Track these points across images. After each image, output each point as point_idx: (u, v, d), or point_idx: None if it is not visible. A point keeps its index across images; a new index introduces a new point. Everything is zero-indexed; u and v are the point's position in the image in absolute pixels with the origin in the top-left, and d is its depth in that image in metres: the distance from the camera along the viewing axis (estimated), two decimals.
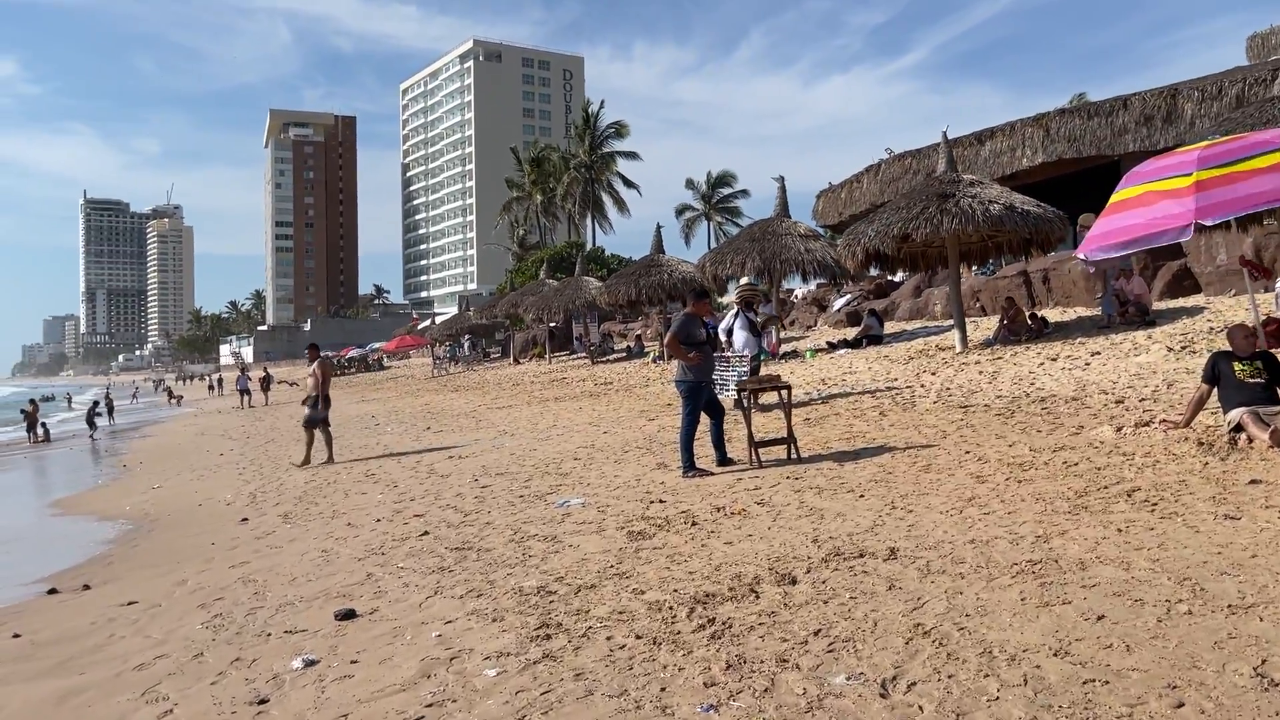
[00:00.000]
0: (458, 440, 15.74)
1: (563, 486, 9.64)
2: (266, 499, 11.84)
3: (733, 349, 10.60)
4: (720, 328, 11.62)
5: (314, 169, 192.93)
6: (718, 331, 14.07)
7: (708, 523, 6.99)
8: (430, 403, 26.47)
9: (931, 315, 26.44)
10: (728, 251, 21.55)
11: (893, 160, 34.59)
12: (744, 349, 10.35)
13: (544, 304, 34.07)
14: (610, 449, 12.07)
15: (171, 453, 21.54)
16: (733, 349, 10.60)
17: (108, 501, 13.59)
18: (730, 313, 11.28)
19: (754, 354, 10.39)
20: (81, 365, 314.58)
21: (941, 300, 26.01)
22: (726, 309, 31.12)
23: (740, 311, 10.78)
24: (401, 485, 11.37)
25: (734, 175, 67.82)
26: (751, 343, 10.49)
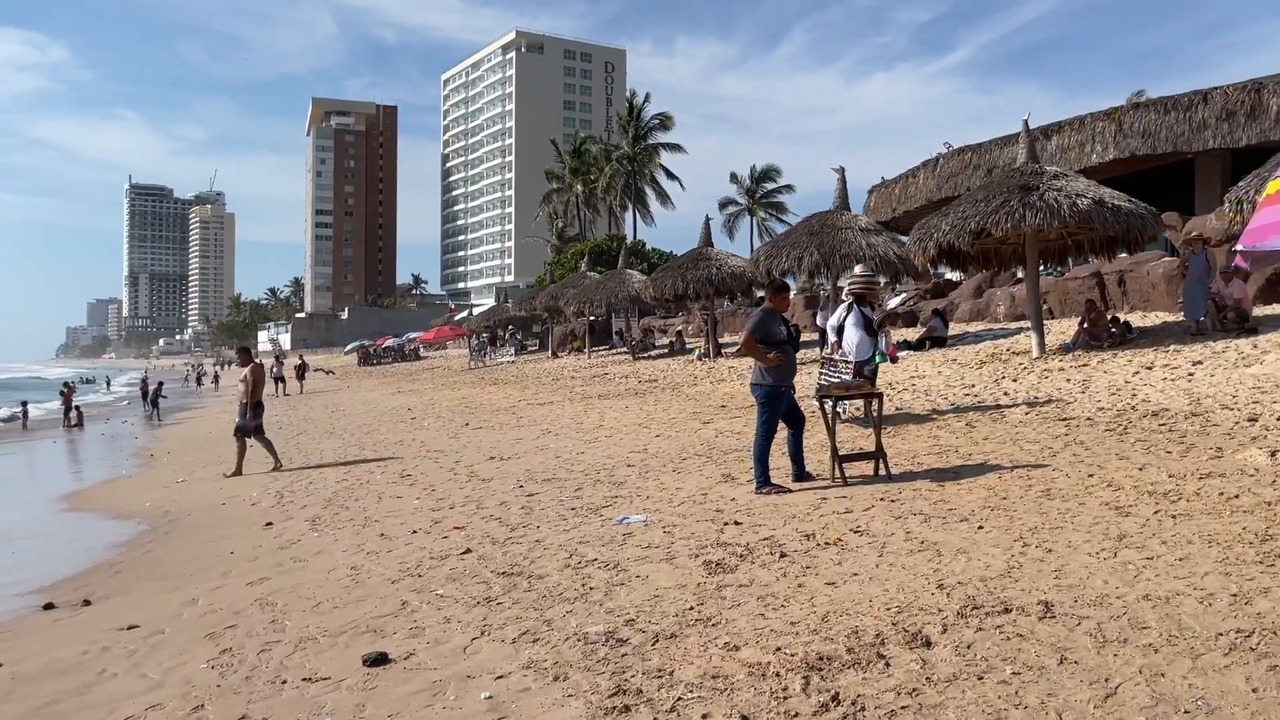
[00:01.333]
0: (497, 439, 14.82)
1: (618, 499, 8.65)
2: (294, 499, 10.97)
3: (841, 351, 9.50)
4: (829, 324, 10.51)
5: (355, 158, 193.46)
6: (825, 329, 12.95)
7: (799, 554, 5.96)
8: (468, 396, 25.62)
9: (994, 317, 25.16)
10: (784, 245, 20.45)
11: (951, 155, 33.26)
12: (856, 351, 9.25)
13: (585, 297, 33.11)
14: (666, 455, 11.07)
15: (201, 442, 20.84)
16: (841, 351, 9.50)
17: (127, 496, 12.80)
18: (842, 306, 10.16)
19: (867, 358, 9.29)
20: (123, 348, 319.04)
21: (1005, 301, 24.73)
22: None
23: (854, 307, 9.65)
24: (440, 490, 10.44)
25: (778, 170, 66.41)
26: (865, 344, 9.37)
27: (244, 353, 14.58)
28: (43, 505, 12.77)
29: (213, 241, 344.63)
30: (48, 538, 10.32)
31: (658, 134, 61.40)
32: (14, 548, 9.70)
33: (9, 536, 10.36)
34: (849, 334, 9.60)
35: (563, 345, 45.92)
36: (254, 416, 13.88)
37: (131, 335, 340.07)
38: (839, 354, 9.52)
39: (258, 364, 14.29)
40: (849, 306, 9.91)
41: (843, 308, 10.11)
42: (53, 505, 12.66)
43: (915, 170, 35.31)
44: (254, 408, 13.88)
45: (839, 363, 9.19)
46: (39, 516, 11.90)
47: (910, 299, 28.95)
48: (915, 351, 19.60)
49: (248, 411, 13.86)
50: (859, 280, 10.37)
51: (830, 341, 10.23)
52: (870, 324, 9.67)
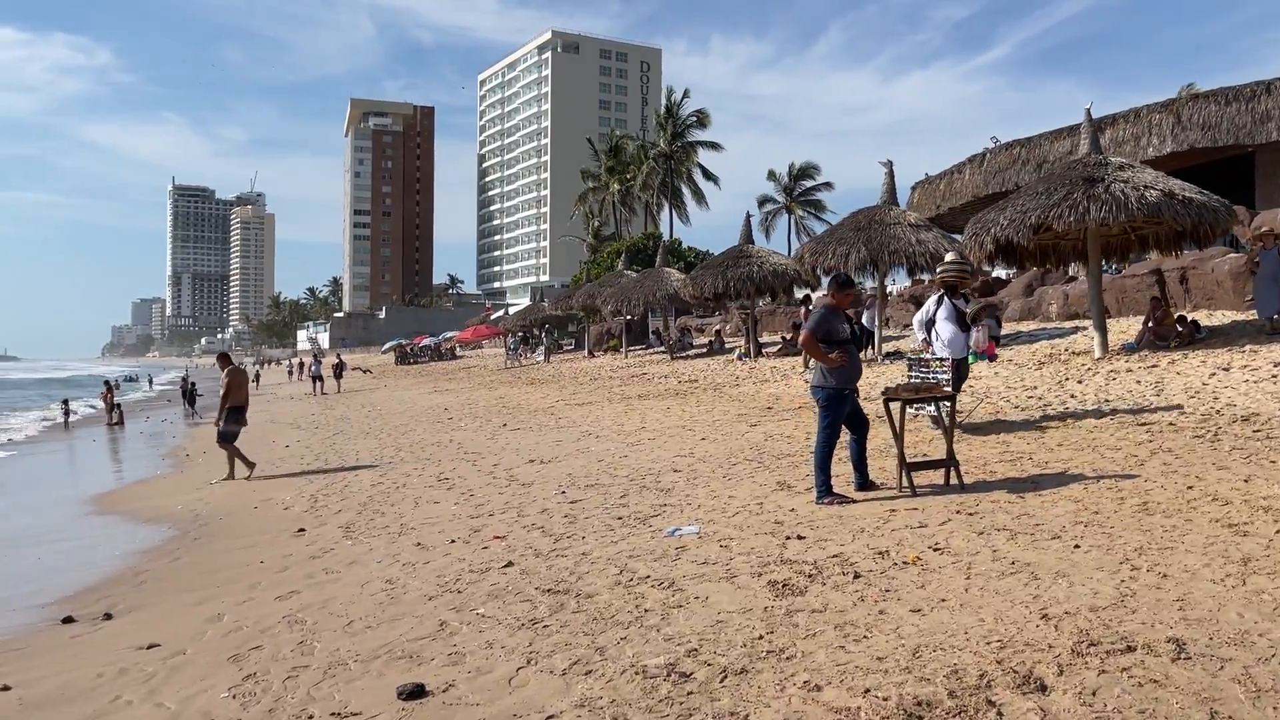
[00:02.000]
0: (536, 441, 14.36)
1: (667, 508, 8.13)
2: (328, 503, 10.57)
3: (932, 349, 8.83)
4: (916, 319, 9.84)
5: (392, 158, 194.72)
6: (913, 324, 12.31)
7: (875, 575, 5.40)
8: (505, 396, 25.23)
9: (1045, 316, 24.32)
10: (829, 241, 19.79)
11: (999, 149, 32.34)
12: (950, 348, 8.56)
13: (622, 296, 32.61)
14: (714, 460, 10.53)
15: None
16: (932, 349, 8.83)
17: (160, 498, 12.49)
18: (930, 299, 9.41)
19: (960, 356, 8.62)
20: (166, 347, 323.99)
21: (1058, 300, 23.89)
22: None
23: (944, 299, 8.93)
24: (478, 495, 9.98)
25: (816, 167, 65.51)
26: (959, 340, 8.68)
27: (223, 358, 14.15)
28: (74, 507, 12.49)
29: (253, 241, 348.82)
30: (76, 542, 9.99)
31: (695, 131, 60.81)
32: (41, 552, 9.37)
33: (38, 540, 10.05)
34: (942, 329, 8.91)
35: (599, 344, 45.48)
36: (231, 421, 13.48)
37: (174, 334, 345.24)
38: (929, 352, 8.88)
39: (235, 368, 13.91)
40: (939, 299, 9.19)
41: (931, 300, 9.40)
42: (84, 507, 12.37)
43: (960, 166, 34.42)
44: (231, 412, 13.48)
45: (931, 362, 8.55)
46: (70, 519, 11.61)
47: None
48: None
49: (226, 417, 13.43)
50: (951, 267, 9.57)
51: (919, 339, 9.58)
52: (963, 317, 8.95)
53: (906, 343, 22.19)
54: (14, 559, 9.11)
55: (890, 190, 20.66)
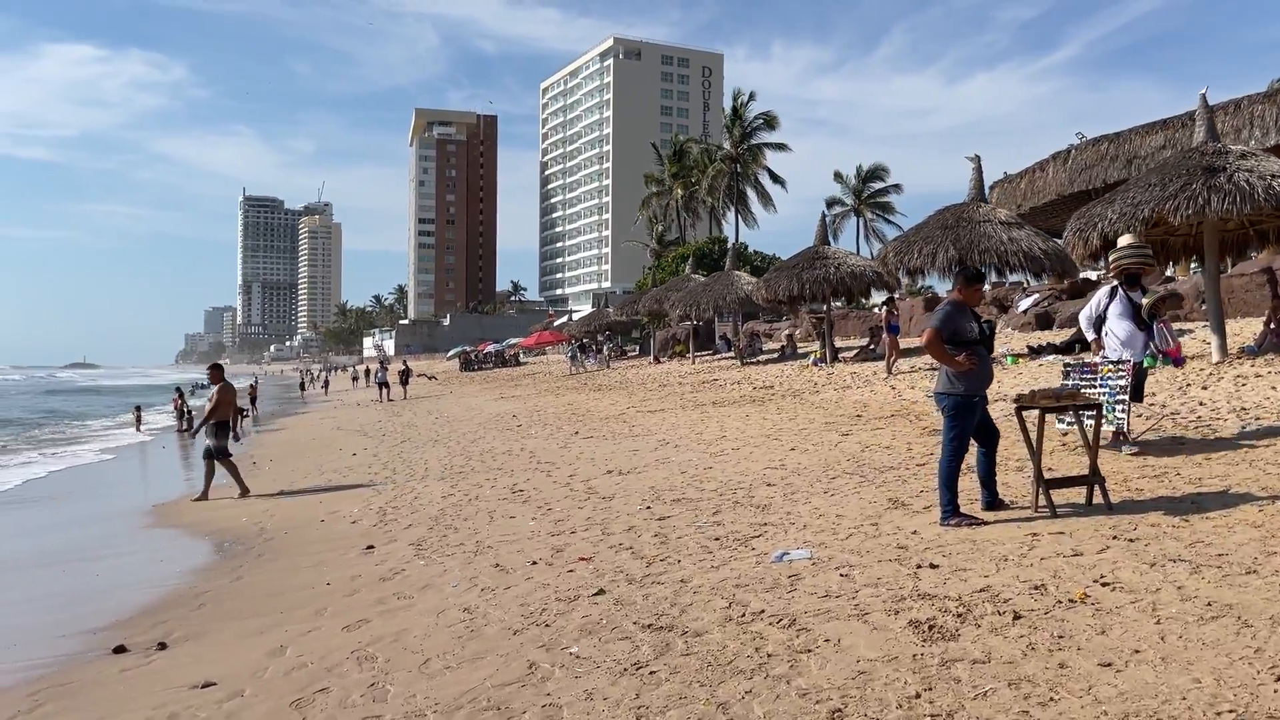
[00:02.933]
0: (612, 450, 13.68)
1: (768, 527, 7.36)
2: (398, 517, 10.00)
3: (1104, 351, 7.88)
4: (1082, 315, 8.89)
5: (456, 167, 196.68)
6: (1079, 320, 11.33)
7: (1039, 616, 4.58)
8: (573, 403, 24.64)
9: None
10: (915, 240, 18.82)
11: (1085, 146, 30.87)
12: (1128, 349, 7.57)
13: (691, 300, 31.85)
14: (809, 472, 9.72)
15: (304, 450, 20.30)
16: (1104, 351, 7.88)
17: (224, 509, 12.06)
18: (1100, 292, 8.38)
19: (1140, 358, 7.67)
20: (237, 354, 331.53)
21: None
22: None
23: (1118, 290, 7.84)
24: (557, 509, 9.31)
25: (886, 169, 63.97)
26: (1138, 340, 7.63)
27: (215, 370, 13.59)
28: (136, 518, 12.11)
29: (320, 251, 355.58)
30: (136, 556, 9.54)
31: (762, 134, 59.84)
32: (99, 568, 8.92)
33: (97, 554, 9.64)
34: (1116, 326, 7.90)
35: (664, 350, 44.81)
36: (219, 436, 12.93)
37: (245, 341, 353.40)
38: (1100, 354, 7.93)
39: (227, 384, 13.36)
40: (1111, 291, 8.05)
41: (1101, 293, 8.25)
42: (146, 518, 11.98)
43: (1043, 164, 32.95)
44: (218, 428, 12.93)
45: (1102, 367, 7.61)
46: (130, 531, 11.22)
47: (1043, 300, 26.85)
48: (1064, 355, 17.76)
49: (216, 431, 12.87)
50: (1129, 253, 8.29)
51: (1090, 339, 8.61)
52: (1139, 313, 7.83)
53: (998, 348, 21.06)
54: (72, 575, 8.67)
55: (978, 186, 19.63)
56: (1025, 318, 26.05)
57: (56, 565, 9.17)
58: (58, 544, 10.57)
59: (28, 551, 10.26)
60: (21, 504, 14.62)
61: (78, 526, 11.89)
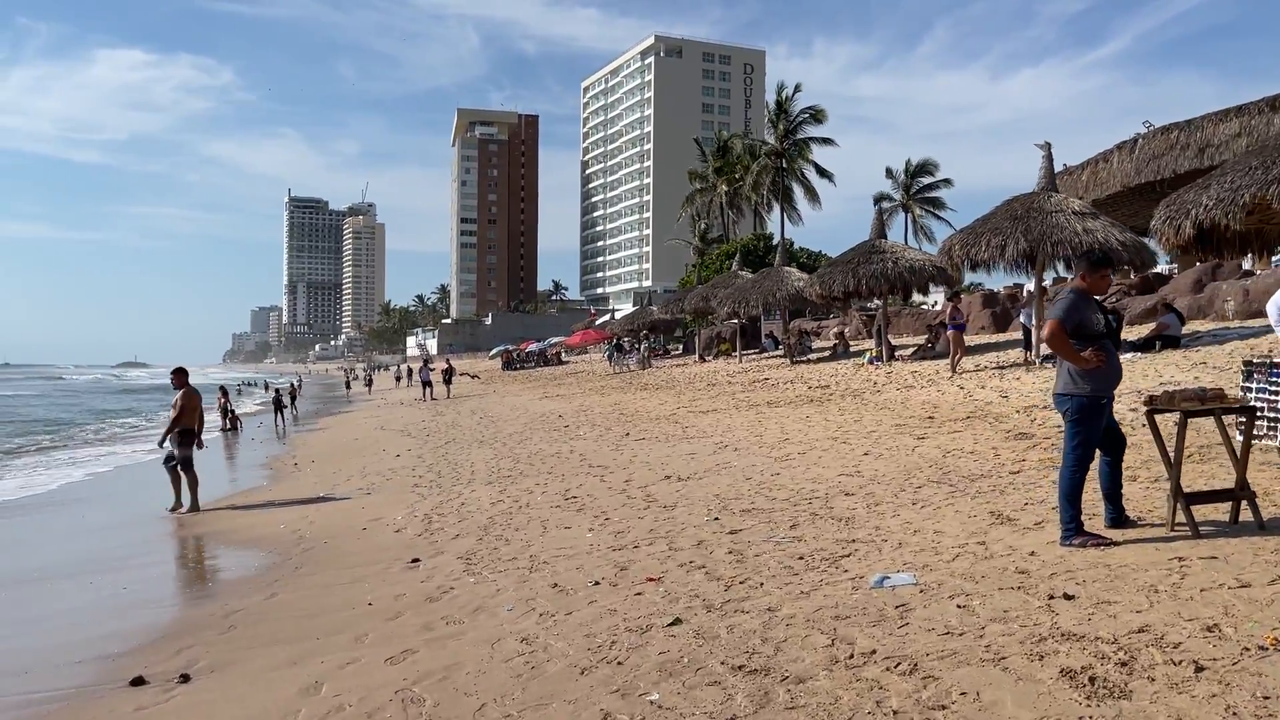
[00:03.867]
0: (667, 453, 12.93)
1: (856, 544, 6.57)
2: (444, 525, 9.34)
3: None
4: (1271, 305, 8.03)
5: (497, 167, 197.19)
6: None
7: (1225, 667, 3.75)
8: (620, 403, 23.94)
9: (1220, 314, 21.81)
10: (983, 232, 17.85)
11: (1153, 134, 29.55)
12: None
13: (740, 297, 30.99)
14: (889, 481, 8.90)
15: (346, 450, 19.81)
16: None
17: (261, 514, 11.50)
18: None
19: None
20: (283, 354, 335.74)
21: (1236, 297, 21.39)
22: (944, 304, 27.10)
23: None
24: (615, 518, 8.59)
25: (935, 164, 62.50)
26: None
27: (178, 375, 12.46)
28: (170, 523, 11.57)
29: (364, 251, 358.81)
30: (164, 568, 8.99)
31: (808, 128, 58.71)
32: (126, 579, 8.34)
33: (124, 564, 9.07)
34: None
35: (709, 349, 43.98)
36: (182, 445, 12.09)
37: (290, 341, 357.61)
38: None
39: (191, 389, 12.35)
40: None
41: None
42: (181, 524, 11.44)
43: (1107, 154, 31.50)
44: (182, 435, 12.08)
45: None
46: (162, 537, 10.70)
47: (1113, 295, 25.64)
48: (1143, 353, 16.72)
49: (180, 439, 12.04)
50: None
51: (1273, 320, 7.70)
52: None
53: None
54: (97, 588, 8.10)
55: (1049, 175, 18.64)
56: None
57: (81, 576, 8.61)
58: (85, 552, 10.04)
59: (53, 561, 9.74)
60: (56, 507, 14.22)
61: (110, 532, 11.38)
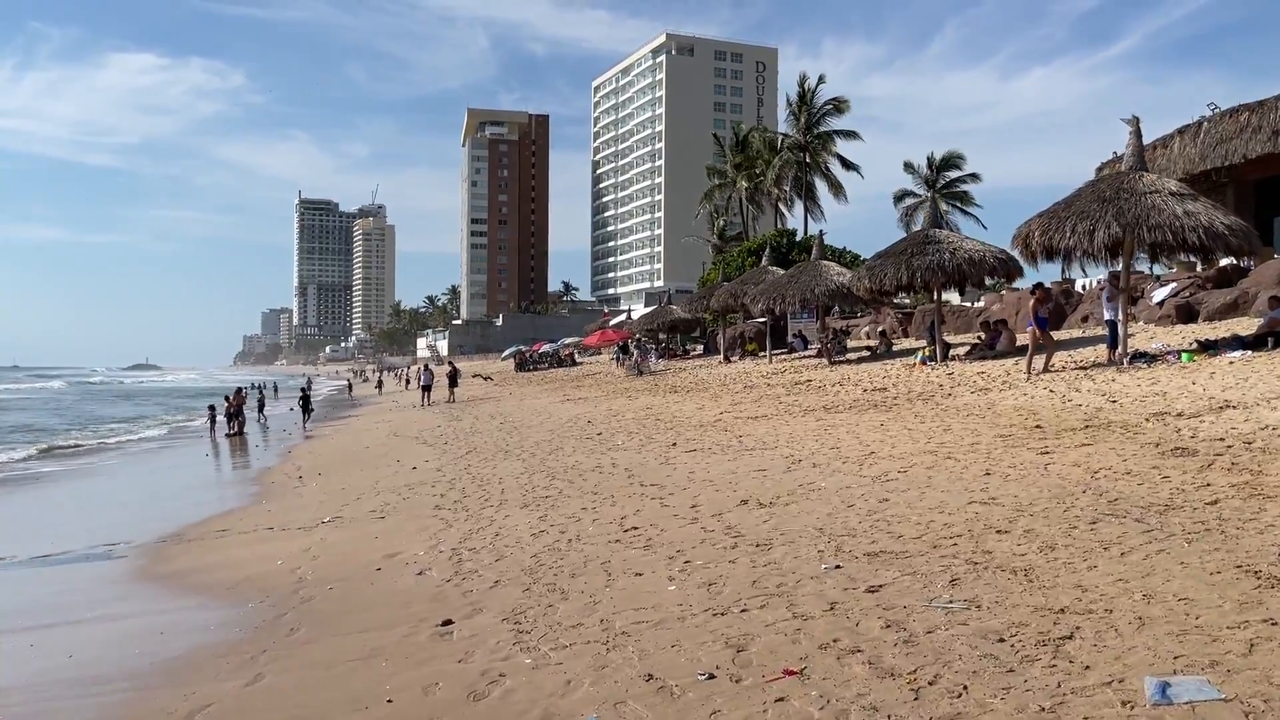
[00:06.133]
0: (731, 469, 11.06)
1: (1065, 615, 4.71)
2: (478, 565, 7.50)
3: None
4: None
5: (508, 167, 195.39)
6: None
7: None
8: (652, 407, 22.07)
9: None
10: (1066, 215, 15.90)
11: (1219, 117, 27.58)
12: None
13: (775, 292, 29.04)
14: (1043, 513, 7.01)
15: (356, 460, 17.97)
16: None
17: (256, 544, 9.67)
18: None
19: None
20: (294, 355, 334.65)
21: None
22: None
23: None
24: (697, 562, 6.73)
25: (962, 156, 60.06)
26: None
27: None
28: (142, 555, 9.74)
29: (374, 252, 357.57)
30: (127, 623, 7.14)
31: (831, 120, 56.69)
32: (77, 640, 6.50)
33: (68, 614, 7.23)
34: None
35: (733, 348, 42.08)
36: None
37: (301, 342, 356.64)
38: None
39: None
40: None
41: None
42: (155, 557, 9.60)
43: (1166, 139, 29.63)
44: None
45: None
46: (129, 576, 8.86)
47: (1183, 290, 23.67)
48: (1253, 351, 14.78)
49: None
50: None
51: None
52: None
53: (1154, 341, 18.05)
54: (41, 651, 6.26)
55: (1138, 153, 16.68)
56: (1162, 310, 22.90)
57: (24, 633, 6.78)
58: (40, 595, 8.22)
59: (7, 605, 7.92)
60: None
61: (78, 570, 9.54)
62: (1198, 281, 23.76)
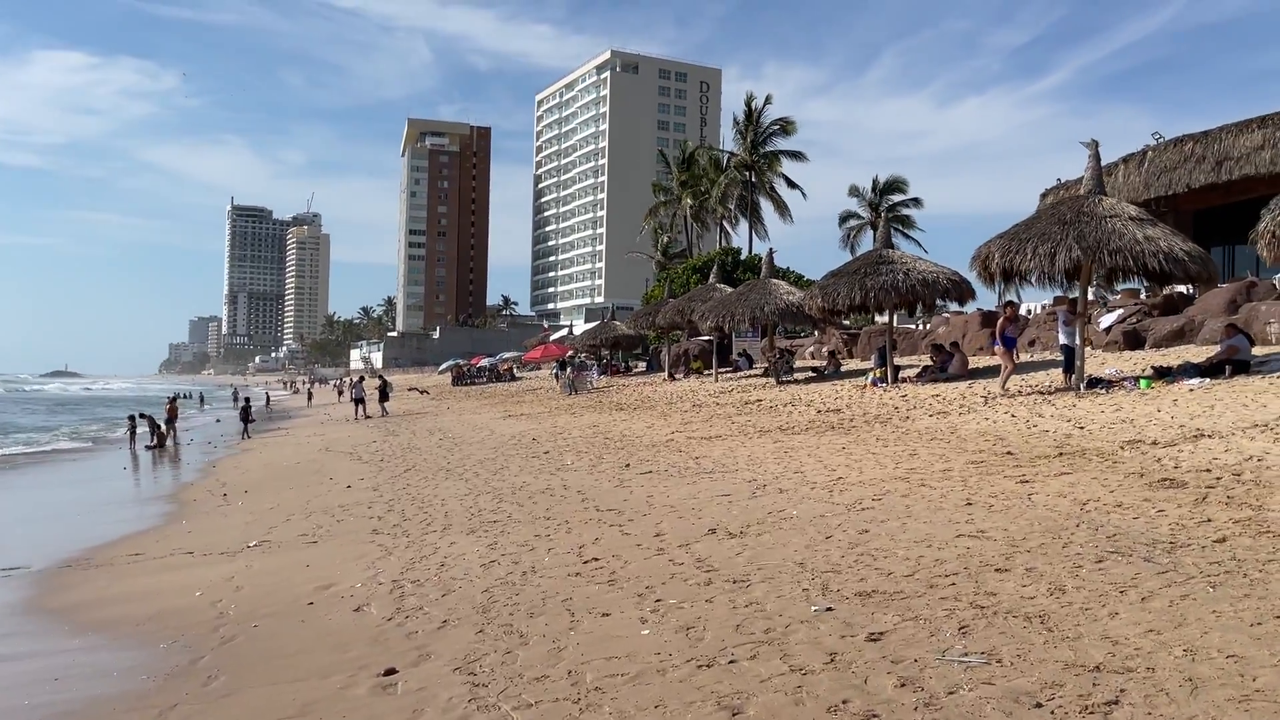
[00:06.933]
0: (691, 493, 10.45)
1: (1105, 675, 4.16)
2: (423, 601, 6.76)
3: None
4: None
5: (448, 178, 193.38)
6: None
7: None
8: (599, 425, 21.39)
9: (1262, 339, 19.93)
10: (1027, 237, 15.68)
11: (1164, 147, 27.98)
12: None
13: (725, 310, 28.62)
14: (1041, 549, 6.52)
15: (286, 477, 16.96)
16: None
17: (172, 572, 8.77)
18: None
19: None
20: (222, 365, 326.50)
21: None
22: None
23: None
24: (669, 599, 6.08)
25: (905, 181, 60.85)
26: None
27: None
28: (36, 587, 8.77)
29: (309, 261, 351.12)
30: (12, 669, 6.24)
31: (777, 140, 56.83)
32: None
33: None
34: None
35: (677, 366, 41.61)
36: None
37: (230, 352, 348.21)
38: None
39: None
40: None
41: None
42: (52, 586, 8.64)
43: (1111, 167, 30.01)
44: None
45: None
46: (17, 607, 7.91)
47: (1130, 316, 23.78)
48: (1210, 379, 14.67)
49: None
50: None
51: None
52: None
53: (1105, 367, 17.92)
54: None
55: (1097, 177, 16.54)
56: (1109, 336, 22.96)
57: None
58: None
59: None
60: None
61: None
62: (1144, 308, 23.92)
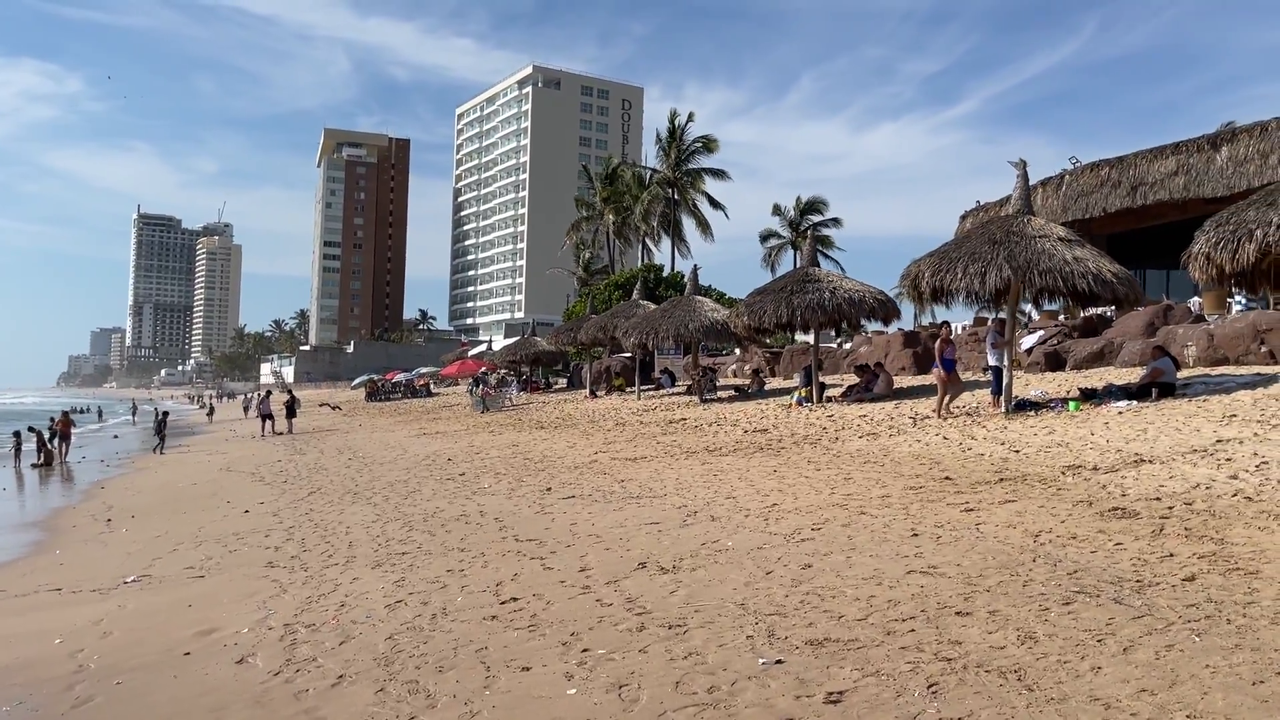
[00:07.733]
0: (619, 521, 9.78)
1: None
2: (316, 652, 5.94)
3: None
4: None
5: (365, 190, 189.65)
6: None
7: None
8: (518, 444, 20.57)
9: (1181, 361, 20.15)
10: (958, 257, 15.47)
11: (1080, 171, 28.45)
12: None
13: (648, 327, 28.07)
14: (999, 588, 6.03)
15: (179, 500, 15.75)
16: None
17: (31, 613, 7.74)
18: None
19: None
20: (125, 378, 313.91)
21: (1199, 342, 19.72)
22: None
23: None
24: (597, 648, 5.40)
25: (825, 202, 61.54)
26: None
27: None
28: None
29: (219, 273, 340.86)
30: None
31: (700, 158, 56.77)
32: None
33: None
34: None
35: (598, 383, 40.95)
36: None
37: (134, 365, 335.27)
38: None
39: None
40: None
41: None
42: None
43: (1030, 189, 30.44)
44: None
45: None
46: None
47: (1050, 338, 23.96)
48: (1138, 401, 14.60)
49: None
50: None
51: None
52: None
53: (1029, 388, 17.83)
54: None
55: (1025, 197, 16.48)
56: (1031, 357, 23.06)
57: None
58: None
59: None
60: None
61: None
62: (1064, 330, 24.12)
